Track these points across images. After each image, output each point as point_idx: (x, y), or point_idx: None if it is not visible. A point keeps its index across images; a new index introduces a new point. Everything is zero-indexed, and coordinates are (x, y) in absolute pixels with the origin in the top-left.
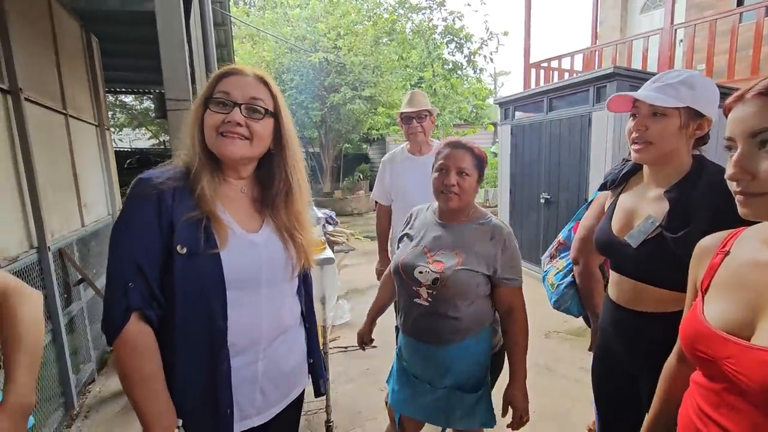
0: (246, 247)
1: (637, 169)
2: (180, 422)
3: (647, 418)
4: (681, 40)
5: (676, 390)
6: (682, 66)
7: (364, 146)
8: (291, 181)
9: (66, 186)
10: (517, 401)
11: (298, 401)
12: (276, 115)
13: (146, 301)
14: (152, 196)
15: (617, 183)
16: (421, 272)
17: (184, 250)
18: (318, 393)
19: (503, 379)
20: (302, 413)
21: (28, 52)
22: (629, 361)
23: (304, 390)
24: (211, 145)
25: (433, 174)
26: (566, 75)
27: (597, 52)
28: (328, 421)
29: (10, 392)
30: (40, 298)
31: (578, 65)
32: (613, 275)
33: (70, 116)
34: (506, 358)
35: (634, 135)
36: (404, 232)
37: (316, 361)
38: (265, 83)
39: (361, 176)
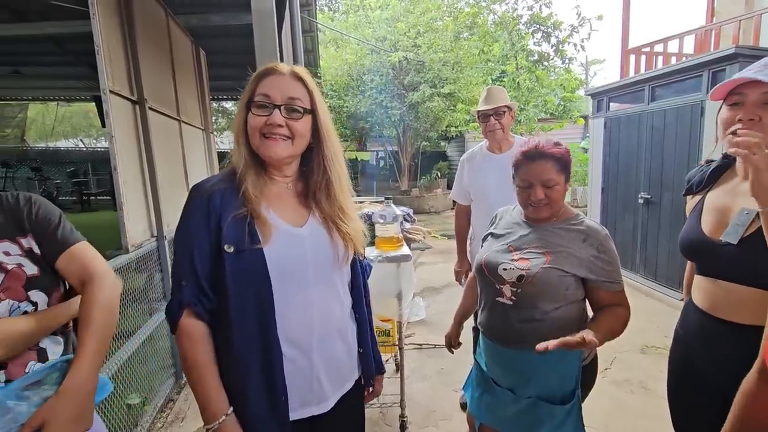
0: (290, 241)
1: (729, 165)
2: (230, 410)
3: None
4: None
5: (756, 413)
6: None
7: (443, 144)
8: (330, 174)
9: (179, 183)
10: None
11: (355, 393)
12: (313, 111)
13: (196, 297)
14: (202, 200)
15: (704, 183)
16: (505, 269)
17: (231, 249)
18: (367, 384)
19: (592, 401)
20: (377, 405)
21: (151, 67)
22: (722, 382)
23: (359, 381)
24: (255, 147)
25: (516, 187)
26: (673, 60)
27: (713, 32)
28: (402, 415)
29: (71, 375)
30: (119, 286)
31: (688, 48)
32: (701, 281)
33: (183, 122)
34: (596, 373)
35: (739, 127)
36: (489, 232)
37: (365, 352)
38: (301, 80)
39: (439, 174)
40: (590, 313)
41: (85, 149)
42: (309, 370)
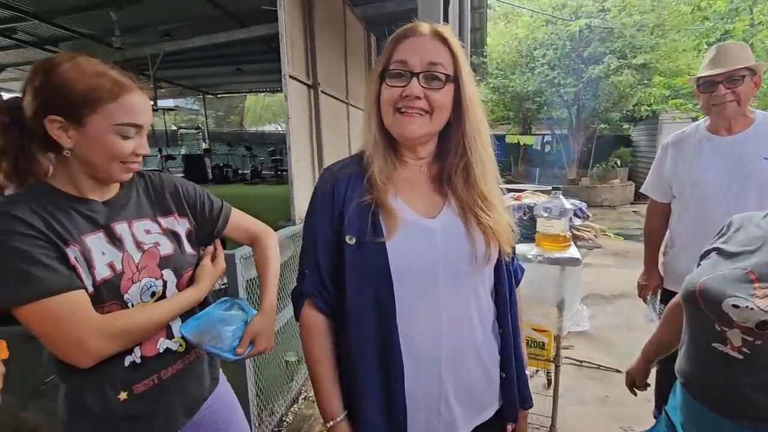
0: (419, 235)
1: None
2: (344, 414)
3: None
4: None
5: None
6: None
7: (626, 126)
8: (470, 155)
9: None
10: None
11: (494, 426)
12: (457, 79)
13: (316, 289)
14: (328, 186)
15: None
16: (736, 306)
17: (353, 241)
18: (510, 417)
19: None
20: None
21: (326, 55)
22: None
23: (501, 413)
24: (389, 125)
25: None
26: None
27: None
28: None
29: (265, 301)
30: (276, 237)
31: None
32: None
33: (350, 105)
34: None
35: None
36: (715, 245)
37: (509, 377)
38: (445, 41)
39: (619, 162)
40: None
41: (282, 132)
42: (436, 390)
